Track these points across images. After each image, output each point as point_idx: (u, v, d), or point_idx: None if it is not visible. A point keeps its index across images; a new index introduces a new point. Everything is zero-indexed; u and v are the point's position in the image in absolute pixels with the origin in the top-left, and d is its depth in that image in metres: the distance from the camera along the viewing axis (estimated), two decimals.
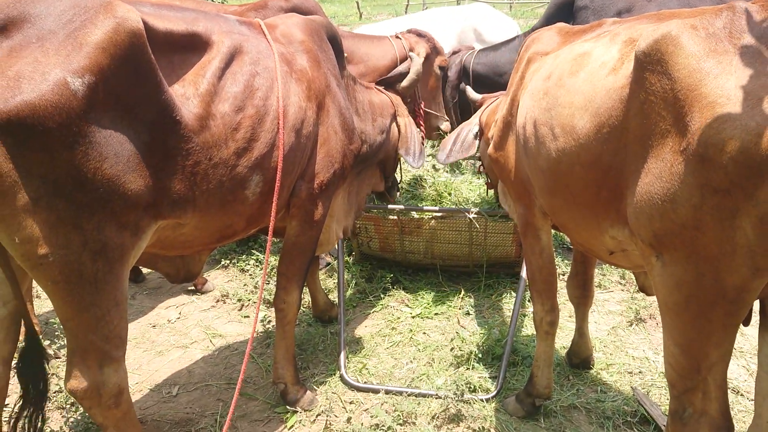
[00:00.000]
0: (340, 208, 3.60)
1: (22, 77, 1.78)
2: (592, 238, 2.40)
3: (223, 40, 2.51)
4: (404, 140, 3.90)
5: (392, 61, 4.84)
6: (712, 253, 1.70)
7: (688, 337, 1.87)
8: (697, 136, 1.65)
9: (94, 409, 2.26)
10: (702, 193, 1.66)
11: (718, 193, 1.63)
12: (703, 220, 1.68)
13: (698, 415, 1.95)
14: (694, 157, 1.66)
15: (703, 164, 1.64)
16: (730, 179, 1.60)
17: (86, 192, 1.95)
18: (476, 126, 3.59)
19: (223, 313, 4.40)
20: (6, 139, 1.76)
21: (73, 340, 2.15)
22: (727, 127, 1.58)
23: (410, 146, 3.91)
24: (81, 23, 1.94)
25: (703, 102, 1.65)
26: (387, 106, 3.90)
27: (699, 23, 1.76)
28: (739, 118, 1.57)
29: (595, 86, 2.10)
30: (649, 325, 4.01)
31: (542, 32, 2.89)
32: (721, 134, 1.59)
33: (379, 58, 4.86)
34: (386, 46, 4.93)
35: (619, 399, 3.24)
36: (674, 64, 1.75)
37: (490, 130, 3.27)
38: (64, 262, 1.96)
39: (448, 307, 4.32)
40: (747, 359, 3.58)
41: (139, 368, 3.72)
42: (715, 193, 1.64)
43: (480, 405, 3.21)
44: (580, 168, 2.18)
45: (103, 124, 1.97)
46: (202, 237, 2.63)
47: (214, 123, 2.37)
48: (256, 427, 3.18)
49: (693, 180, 1.68)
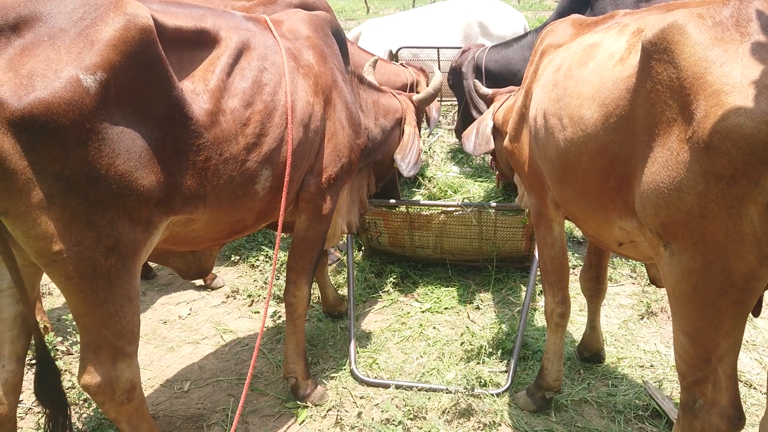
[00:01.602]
0: (344, 203, 3.63)
1: (35, 75, 1.79)
2: (602, 229, 2.40)
3: (231, 36, 2.52)
4: (403, 147, 3.91)
5: (403, 84, 5.52)
6: (719, 241, 1.70)
7: (697, 327, 1.87)
8: (703, 124, 1.65)
9: (107, 404, 2.28)
10: (707, 180, 1.66)
11: (723, 180, 1.63)
12: (709, 207, 1.68)
13: (709, 406, 1.95)
14: (700, 144, 1.66)
15: (708, 152, 1.64)
16: (735, 166, 1.60)
17: (99, 188, 1.96)
18: (491, 120, 3.59)
19: (233, 309, 4.42)
20: (20, 136, 1.78)
21: (86, 335, 2.17)
22: (732, 115, 1.58)
23: (407, 154, 3.91)
24: (91, 21, 1.95)
25: (709, 90, 1.65)
26: (394, 109, 3.90)
27: (706, 12, 1.76)
28: (745, 105, 1.57)
29: (603, 76, 2.10)
30: (661, 318, 4.00)
31: (557, 24, 2.90)
32: (726, 122, 1.59)
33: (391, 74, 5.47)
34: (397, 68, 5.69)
35: (631, 393, 3.23)
36: (680, 53, 1.75)
37: (507, 125, 3.28)
38: (78, 259, 1.98)
39: (458, 301, 4.32)
40: (759, 352, 3.56)
41: (150, 364, 3.74)
42: (720, 181, 1.64)
43: (491, 399, 3.20)
44: (587, 158, 2.19)
45: (116, 121, 1.98)
46: (213, 232, 2.64)
47: (224, 119, 2.39)
48: (267, 422, 3.19)
49: (698, 168, 1.68)
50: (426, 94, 4.08)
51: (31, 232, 1.90)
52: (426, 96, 4.09)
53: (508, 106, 3.49)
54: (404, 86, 5.45)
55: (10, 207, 1.85)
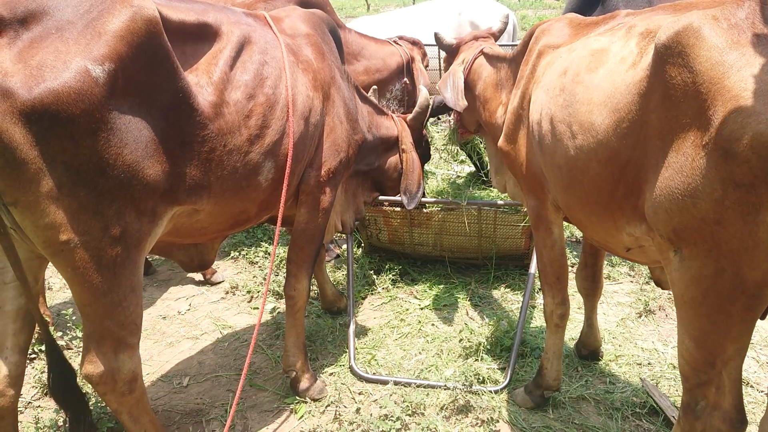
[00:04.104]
0: (339, 201, 3.67)
1: (44, 66, 1.82)
2: (609, 235, 2.38)
3: (233, 31, 2.55)
4: (405, 177, 3.93)
5: (398, 64, 5.36)
6: (733, 248, 1.68)
7: (705, 331, 1.86)
8: (721, 130, 1.62)
9: (109, 395, 2.30)
10: (724, 187, 1.64)
11: (740, 187, 1.61)
12: (725, 214, 1.66)
13: (711, 409, 1.94)
14: (717, 151, 1.64)
15: (726, 158, 1.62)
16: (754, 174, 1.57)
17: (107, 178, 1.98)
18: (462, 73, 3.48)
19: (232, 305, 4.43)
20: (31, 126, 1.80)
21: (89, 325, 2.19)
22: (752, 121, 1.55)
23: (408, 186, 3.94)
24: (98, 13, 1.98)
25: (727, 95, 1.62)
26: (387, 126, 3.92)
27: (720, 14, 1.72)
28: (765, 111, 1.54)
29: (615, 81, 2.07)
30: (658, 316, 4.02)
31: (552, 24, 2.85)
32: (745, 128, 1.56)
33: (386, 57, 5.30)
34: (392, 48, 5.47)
35: (628, 390, 3.25)
36: (696, 57, 1.71)
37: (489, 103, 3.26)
38: (85, 248, 2.00)
39: (457, 298, 4.33)
40: (757, 351, 3.58)
41: (150, 359, 3.75)
42: (737, 188, 1.61)
43: (489, 396, 3.22)
44: (597, 164, 2.16)
45: (123, 111, 2.01)
46: (217, 223, 2.67)
47: (228, 110, 2.42)
48: (266, 417, 3.20)
49: (715, 174, 1.65)
50: (415, 114, 4.04)
51: (39, 222, 1.92)
52: (415, 116, 4.05)
53: (492, 81, 3.35)
54: (400, 66, 5.32)
55: (20, 196, 1.88)
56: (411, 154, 3.95)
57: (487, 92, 3.33)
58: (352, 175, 3.74)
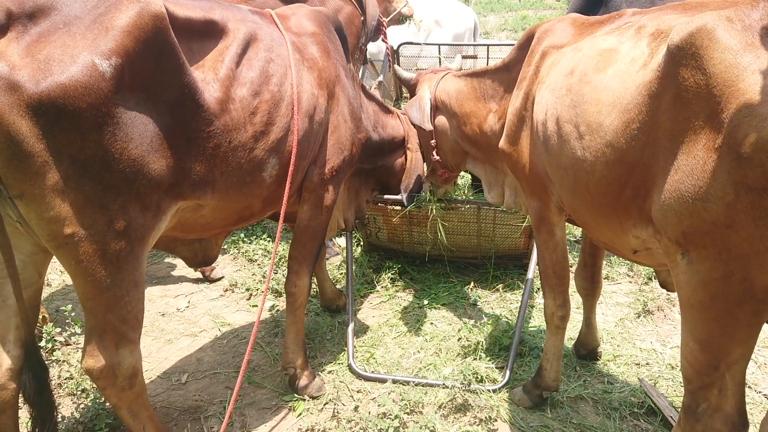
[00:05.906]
0: (341, 198, 3.68)
1: (52, 60, 1.83)
2: (616, 237, 2.36)
3: (239, 28, 2.56)
4: (407, 175, 3.94)
5: None
6: (743, 251, 1.67)
7: (710, 335, 1.85)
8: (734, 133, 1.60)
9: (109, 390, 2.30)
10: (737, 191, 1.62)
11: (753, 191, 1.59)
12: (736, 218, 1.64)
13: (713, 411, 1.94)
14: (730, 154, 1.62)
15: (739, 162, 1.60)
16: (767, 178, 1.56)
17: (113, 172, 1.99)
18: (429, 101, 3.50)
19: (231, 303, 4.43)
20: (38, 120, 1.81)
21: (91, 319, 2.19)
22: (766, 125, 1.54)
23: (408, 184, 3.98)
24: (106, 8, 1.99)
25: (741, 98, 1.60)
26: (393, 125, 3.93)
27: (735, 15, 1.70)
28: None
29: (625, 82, 2.04)
30: (657, 316, 4.03)
31: (554, 24, 2.80)
32: (760, 132, 1.54)
33: None
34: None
35: (626, 390, 3.26)
36: (710, 59, 1.69)
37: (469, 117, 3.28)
38: (89, 242, 2.01)
39: (456, 297, 4.34)
40: (755, 352, 3.59)
41: (148, 356, 3.74)
42: (750, 192, 1.60)
43: (487, 395, 3.23)
44: (604, 165, 2.14)
45: (130, 106, 2.02)
46: (221, 219, 2.68)
47: (234, 107, 2.43)
48: (264, 415, 3.20)
49: (728, 177, 1.63)
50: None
51: (44, 215, 1.93)
52: None
53: (462, 95, 3.36)
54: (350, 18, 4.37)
55: (26, 189, 1.89)
56: (416, 154, 3.96)
57: (465, 107, 3.33)
58: (355, 174, 3.75)
